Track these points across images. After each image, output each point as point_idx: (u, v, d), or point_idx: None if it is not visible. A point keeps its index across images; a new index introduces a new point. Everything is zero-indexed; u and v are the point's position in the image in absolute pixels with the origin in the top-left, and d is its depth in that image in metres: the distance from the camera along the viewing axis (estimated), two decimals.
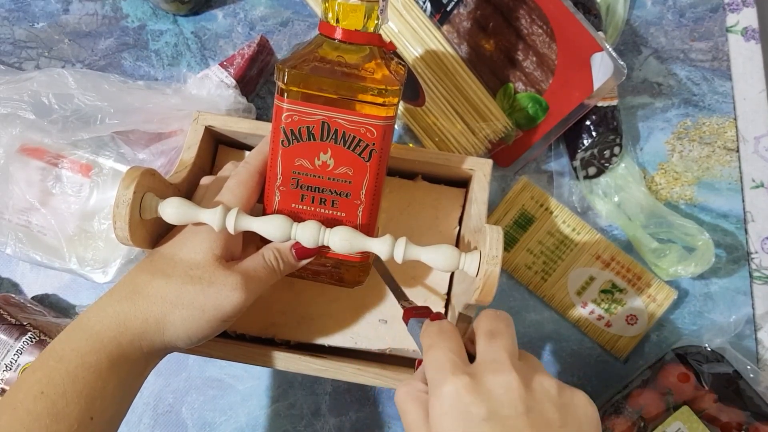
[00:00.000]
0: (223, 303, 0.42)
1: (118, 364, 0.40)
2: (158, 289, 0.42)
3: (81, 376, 0.39)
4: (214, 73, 0.62)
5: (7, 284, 0.65)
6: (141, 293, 0.42)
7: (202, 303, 0.42)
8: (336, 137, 0.43)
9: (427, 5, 0.64)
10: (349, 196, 0.45)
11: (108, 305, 0.42)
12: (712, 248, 0.61)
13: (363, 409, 0.63)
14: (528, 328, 0.64)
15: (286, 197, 0.46)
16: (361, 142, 0.43)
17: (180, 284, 0.42)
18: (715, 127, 0.68)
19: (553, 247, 0.64)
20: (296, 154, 0.44)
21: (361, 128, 0.43)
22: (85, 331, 0.41)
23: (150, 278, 0.43)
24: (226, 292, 0.43)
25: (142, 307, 0.42)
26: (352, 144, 0.43)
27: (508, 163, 0.65)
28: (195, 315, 0.42)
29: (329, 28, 0.43)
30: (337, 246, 0.43)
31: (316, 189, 0.45)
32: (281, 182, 0.46)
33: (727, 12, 0.70)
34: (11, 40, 0.70)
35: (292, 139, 0.44)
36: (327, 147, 0.44)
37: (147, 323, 0.41)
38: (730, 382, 0.59)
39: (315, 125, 0.43)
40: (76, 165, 0.60)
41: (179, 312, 0.42)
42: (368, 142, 0.43)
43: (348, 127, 0.43)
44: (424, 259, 0.43)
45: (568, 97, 0.60)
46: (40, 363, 0.40)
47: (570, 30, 0.59)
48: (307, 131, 0.43)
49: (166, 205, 0.45)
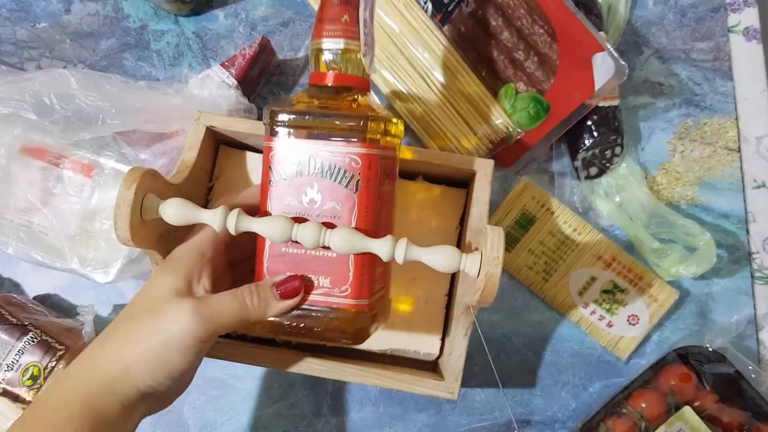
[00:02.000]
0: (174, 331, 0.41)
1: (92, 413, 0.39)
2: (123, 330, 0.42)
3: (53, 422, 0.39)
4: (216, 74, 0.62)
5: (9, 284, 0.66)
6: (110, 336, 0.42)
7: (157, 337, 0.41)
8: (322, 170, 0.43)
9: (428, 5, 0.64)
10: None
11: (86, 352, 0.42)
12: (713, 248, 0.61)
13: (364, 409, 0.63)
14: (529, 329, 0.64)
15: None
16: (347, 173, 0.43)
17: (137, 323, 0.42)
18: (717, 127, 0.68)
19: (554, 248, 0.64)
20: (284, 192, 0.44)
21: (345, 158, 0.43)
22: (63, 378, 0.41)
23: (119, 321, 0.43)
24: (175, 320, 0.41)
25: (111, 350, 0.41)
26: (338, 176, 0.43)
27: (510, 163, 0.65)
28: (153, 349, 0.41)
29: (317, 75, 0.45)
30: (337, 247, 0.43)
31: None
32: None
33: (728, 12, 0.70)
34: (13, 41, 0.70)
35: (279, 179, 0.44)
36: (313, 181, 0.44)
37: (115, 366, 0.41)
38: (732, 382, 0.59)
39: (302, 161, 0.44)
40: (77, 165, 0.60)
41: (140, 350, 0.41)
42: (353, 172, 0.43)
43: (332, 158, 0.43)
44: (425, 259, 0.43)
45: (569, 97, 0.60)
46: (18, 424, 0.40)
47: (571, 30, 0.59)
48: (295, 167, 0.44)
49: (167, 206, 0.45)
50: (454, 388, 0.51)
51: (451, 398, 0.52)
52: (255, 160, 0.59)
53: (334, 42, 0.45)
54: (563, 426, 0.63)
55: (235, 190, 0.58)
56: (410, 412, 0.63)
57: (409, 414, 0.63)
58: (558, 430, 0.63)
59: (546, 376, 0.64)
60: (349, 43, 0.45)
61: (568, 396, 0.63)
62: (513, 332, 0.64)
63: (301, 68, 0.69)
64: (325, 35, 0.45)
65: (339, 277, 0.44)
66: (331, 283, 0.44)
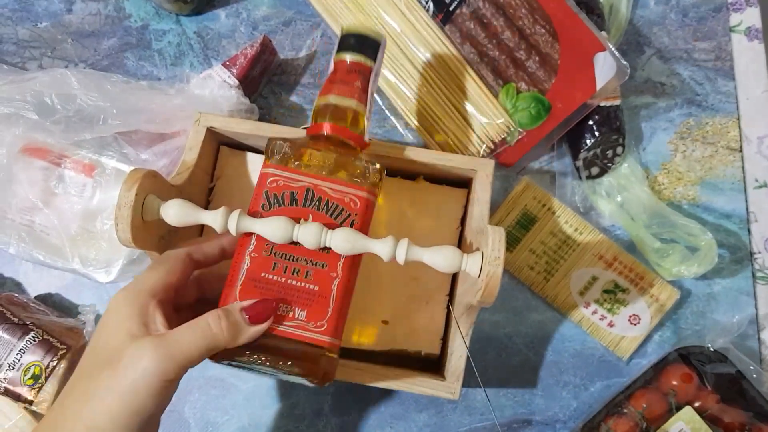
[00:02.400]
0: (137, 376, 0.38)
1: None
2: (81, 389, 0.39)
3: None
4: (217, 73, 0.62)
5: (11, 284, 0.66)
6: (70, 397, 0.40)
7: (120, 389, 0.38)
8: (319, 204, 0.44)
9: (429, 5, 0.64)
10: (326, 266, 0.44)
11: (47, 417, 0.41)
12: (715, 248, 0.61)
13: (365, 409, 0.63)
14: (530, 329, 0.64)
15: (256, 264, 0.44)
16: (343, 211, 0.44)
17: (96, 378, 0.39)
18: (719, 127, 0.67)
19: (555, 247, 0.64)
20: (277, 220, 0.43)
21: (345, 197, 0.44)
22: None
23: (76, 379, 0.40)
24: (136, 363, 0.38)
25: (72, 413, 0.39)
26: (334, 212, 0.44)
27: (511, 162, 0.65)
28: (118, 403, 0.38)
29: (321, 126, 0.47)
30: (339, 247, 0.43)
31: (290, 257, 0.44)
32: (254, 248, 0.44)
33: (730, 12, 0.70)
34: (14, 40, 0.70)
35: (274, 204, 0.44)
36: (309, 213, 0.44)
37: (78, 428, 0.38)
38: (733, 382, 0.59)
39: (299, 191, 0.44)
40: (79, 165, 0.60)
41: (103, 407, 0.38)
42: (351, 211, 0.44)
43: (332, 195, 0.44)
44: (426, 260, 0.43)
45: (570, 97, 0.60)
46: None
47: (573, 30, 0.59)
48: (291, 196, 0.44)
49: (168, 207, 0.45)
50: (455, 389, 0.51)
51: (452, 398, 0.52)
52: (256, 161, 0.59)
53: (346, 101, 0.47)
54: (564, 426, 0.63)
55: (236, 191, 0.59)
56: (411, 411, 0.63)
57: (410, 414, 0.63)
58: (559, 430, 0.63)
59: (547, 376, 0.64)
60: (358, 105, 0.47)
61: (569, 396, 0.63)
62: (514, 332, 0.64)
63: (302, 68, 0.69)
64: (336, 93, 0.47)
65: (317, 311, 0.43)
66: (308, 316, 0.43)
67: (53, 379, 0.57)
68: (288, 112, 0.68)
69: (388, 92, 0.65)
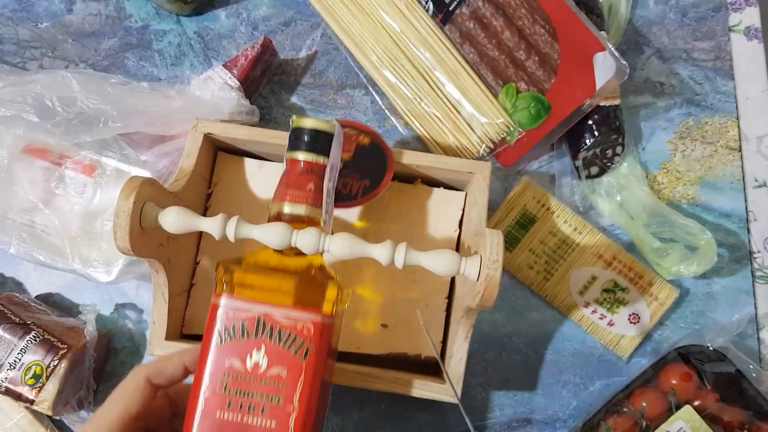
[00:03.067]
0: None
1: None
2: None
3: None
4: (218, 75, 0.62)
5: (11, 283, 0.66)
6: None
7: None
8: (271, 333, 0.41)
9: (429, 5, 0.64)
10: (281, 401, 0.41)
11: None
12: (714, 248, 0.61)
13: (366, 408, 0.63)
14: (530, 328, 0.64)
15: (211, 402, 0.41)
16: (296, 339, 0.41)
17: None
18: (718, 126, 0.68)
19: (555, 247, 0.64)
20: (228, 352, 0.41)
21: (297, 324, 0.41)
22: None
23: None
24: None
25: None
26: (287, 341, 0.41)
27: (511, 162, 0.65)
28: None
29: None
30: (337, 252, 0.43)
31: (245, 393, 0.41)
32: (208, 385, 0.41)
33: (729, 11, 0.70)
34: (15, 40, 0.70)
35: (225, 337, 0.42)
36: (261, 344, 0.41)
37: None
38: (733, 381, 0.59)
39: (249, 321, 0.41)
40: (79, 165, 0.60)
41: None
42: (304, 339, 0.41)
43: (283, 323, 0.41)
44: (425, 264, 0.43)
45: (570, 97, 0.60)
46: None
47: (572, 29, 0.59)
48: (242, 328, 0.41)
49: (166, 214, 0.45)
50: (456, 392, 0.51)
51: (453, 401, 0.52)
52: (253, 166, 0.59)
53: (297, 207, 0.45)
54: (564, 425, 0.63)
55: (233, 196, 0.59)
56: (411, 411, 0.63)
57: (411, 413, 0.63)
58: (559, 428, 0.63)
59: (547, 375, 0.64)
60: (313, 210, 0.45)
61: (569, 395, 0.64)
62: (514, 331, 0.64)
63: (302, 68, 0.69)
64: (288, 200, 0.45)
65: None
66: None
67: (54, 378, 0.57)
68: (288, 112, 0.68)
69: (388, 92, 0.65)
